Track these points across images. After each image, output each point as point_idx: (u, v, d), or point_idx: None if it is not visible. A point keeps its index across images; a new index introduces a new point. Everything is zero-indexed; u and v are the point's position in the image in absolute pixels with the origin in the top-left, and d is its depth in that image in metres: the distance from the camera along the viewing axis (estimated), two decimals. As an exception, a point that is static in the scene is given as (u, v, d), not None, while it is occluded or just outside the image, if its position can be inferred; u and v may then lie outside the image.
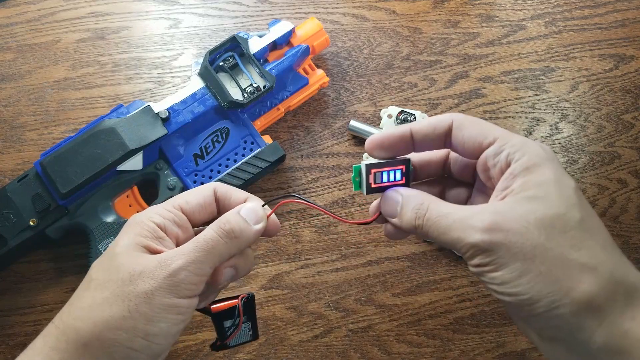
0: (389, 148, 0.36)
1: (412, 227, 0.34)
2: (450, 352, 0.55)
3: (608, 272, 0.30)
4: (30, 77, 0.61)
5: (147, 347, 0.31)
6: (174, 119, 0.54)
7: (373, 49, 0.63)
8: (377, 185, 0.36)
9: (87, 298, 0.32)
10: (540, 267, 0.30)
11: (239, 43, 0.56)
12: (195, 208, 0.36)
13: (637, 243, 0.59)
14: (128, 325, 0.31)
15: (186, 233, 0.36)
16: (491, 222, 0.31)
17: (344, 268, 0.57)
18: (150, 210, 0.35)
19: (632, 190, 0.60)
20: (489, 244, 0.30)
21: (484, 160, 0.34)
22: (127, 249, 0.33)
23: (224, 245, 0.34)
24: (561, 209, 0.31)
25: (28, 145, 0.59)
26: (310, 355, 0.54)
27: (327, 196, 0.59)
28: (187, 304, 0.32)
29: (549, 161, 0.32)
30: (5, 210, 0.51)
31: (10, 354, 0.53)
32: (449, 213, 0.33)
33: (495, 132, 0.34)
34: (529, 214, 0.30)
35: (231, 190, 0.37)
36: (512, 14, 0.65)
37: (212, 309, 0.39)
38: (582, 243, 0.30)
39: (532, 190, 0.31)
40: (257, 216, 0.35)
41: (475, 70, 0.63)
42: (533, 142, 0.33)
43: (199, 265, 0.32)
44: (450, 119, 0.35)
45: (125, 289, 0.31)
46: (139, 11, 0.64)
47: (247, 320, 0.43)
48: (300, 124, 0.61)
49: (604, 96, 0.63)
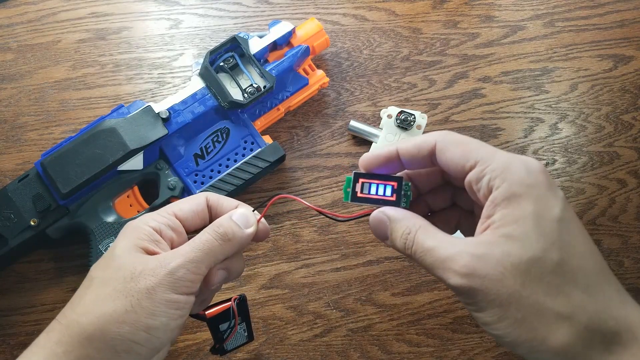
0: (378, 168, 0.36)
1: (405, 254, 0.34)
2: (449, 352, 0.55)
3: (584, 320, 0.29)
4: (30, 78, 0.61)
5: (148, 341, 0.32)
6: (174, 119, 0.54)
7: (373, 50, 0.63)
8: (363, 195, 0.36)
9: (89, 295, 0.34)
10: (517, 315, 0.30)
11: (239, 43, 0.56)
12: (189, 215, 0.37)
13: (637, 243, 0.59)
14: (131, 319, 0.32)
15: (180, 237, 0.37)
16: (469, 267, 0.30)
17: (343, 268, 0.57)
18: (146, 215, 0.37)
19: (631, 190, 0.60)
20: (467, 289, 0.30)
21: (469, 184, 0.33)
22: (126, 250, 0.35)
23: (218, 247, 0.35)
24: (538, 251, 0.29)
25: (29, 145, 0.59)
26: (310, 354, 0.54)
27: (327, 196, 0.59)
28: (186, 300, 0.34)
29: (531, 188, 0.31)
30: (6, 210, 0.51)
31: (11, 354, 0.53)
32: (433, 249, 0.32)
33: (476, 154, 0.32)
34: (504, 257, 0.30)
35: (222, 198, 0.39)
36: (511, 15, 0.66)
37: (206, 314, 0.40)
38: (558, 289, 0.29)
39: (510, 226, 0.30)
40: (248, 221, 0.37)
41: (474, 71, 0.63)
42: (517, 162, 0.31)
43: (196, 265, 0.34)
44: (434, 140, 0.34)
45: (127, 285, 0.33)
46: (140, 12, 0.64)
47: (241, 321, 0.43)
48: (300, 124, 0.61)
49: (603, 96, 0.63)
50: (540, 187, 0.31)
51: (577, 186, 0.60)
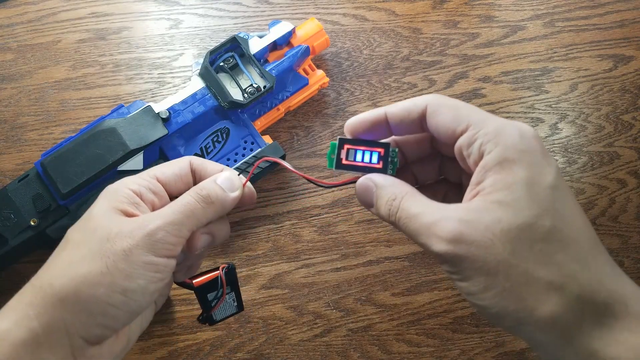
0: (364, 132, 0.35)
1: (389, 222, 0.33)
2: (449, 352, 0.55)
3: (576, 291, 0.28)
4: (30, 78, 0.61)
5: (124, 304, 0.31)
6: (174, 119, 0.54)
7: (373, 50, 0.63)
8: (348, 162, 0.35)
9: (64, 257, 0.32)
10: (505, 284, 0.28)
11: (239, 43, 0.56)
12: (171, 178, 0.36)
13: (637, 243, 0.59)
14: (106, 280, 0.31)
15: (162, 201, 0.36)
16: (455, 233, 0.29)
17: (343, 268, 0.57)
18: (126, 178, 0.35)
19: (631, 190, 0.60)
20: (452, 255, 0.29)
21: (460, 149, 0.32)
22: (103, 212, 0.33)
23: (201, 210, 0.34)
24: (530, 217, 0.28)
25: (29, 145, 0.59)
26: (310, 354, 0.54)
27: (327, 196, 0.59)
28: (165, 262, 0.33)
29: (525, 153, 0.29)
30: (6, 210, 0.51)
31: (11, 354, 0.53)
32: (418, 214, 0.31)
33: (469, 118, 0.31)
34: (494, 224, 0.28)
35: (207, 162, 0.38)
36: (511, 15, 0.66)
37: (194, 283, 0.39)
38: (549, 258, 0.28)
39: (501, 192, 0.29)
40: (233, 184, 0.36)
41: (474, 71, 0.63)
42: (510, 127, 0.30)
43: (176, 227, 0.33)
44: (425, 103, 0.33)
45: (103, 246, 0.31)
46: (140, 12, 0.64)
47: (230, 290, 0.42)
48: (300, 124, 0.61)
49: (603, 96, 0.63)
50: (534, 153, 0.30)
51: (577, 186, 0.60)
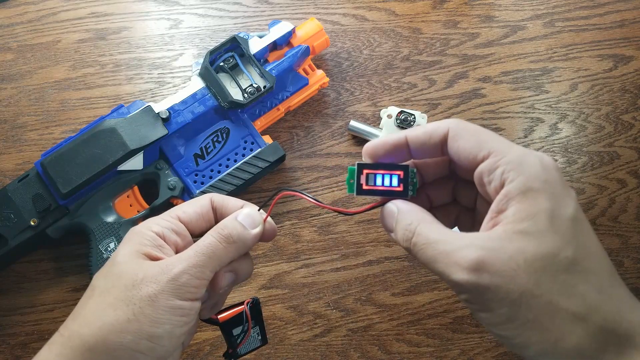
0: (384, 156, 0.35)
1: (405, 248, 0.33)
2: (449, 352, 0.55)
3: (599, 322, 0.28)
4: (30, 78, 0.61)
5: (152, 349, 0.31)
6: (174, 119, 0.54)
7: (373, 50, 0.63)
8: (369, 187, 0.35)
9: (91, 305, 0.33)
10: (528, 315, 0.28)
11: (239, 43, 0.56)
12: (193, 217, 0.36)
13: (637, 243, 0.59)
14: (133, 327, 0.31)
15: (185, 241, 0.36)
16: (477, 261, 0.28)
17: (343, 268, 0.57)
18: (149, 220, 0.36)
19: (631, 190, 0.60)
20: (474, 285, 0.28)
21: (480, 175, 0.32)
22: (128, 257, 0.34)
23: (223, 249, 0.34)
24: (553, 248, 0.28)
25: (29, 145, 0.59)
26: (310, 354, 0.54)
27: (327, 196, 0.59)
28: (190, 306, 0.33)
29: (547, 184, 0.30)
30: (6, 210, 0.51)
31: (11, 354, 0.53)
32: (436, 242, 0.30)
33: (491, 145, 0.31)
34: (518, 254, 0.28)
35: (227, 198, 0.38)
36: (511, 15, 0.66)
37: (219, 318, 0.39)
38: (573, 289, 0.28)
39: (525, 222, 0.29)
40: (253, 221, 0.36)
41: (474, 71, 0.63)
42: (532, 157, 0.30)
43: (199, 269, 0.33)
44: (447, 127, 0.33)
45: (128, 293, 0.32)
46: (140, 12, 0.64)
47: (255, 325, 0.42)
48: (300, 124, 0.61)
49: (603, 96, 0.63)
50: (555, 184, 0.30)
51: (577, 186, 0.60)
